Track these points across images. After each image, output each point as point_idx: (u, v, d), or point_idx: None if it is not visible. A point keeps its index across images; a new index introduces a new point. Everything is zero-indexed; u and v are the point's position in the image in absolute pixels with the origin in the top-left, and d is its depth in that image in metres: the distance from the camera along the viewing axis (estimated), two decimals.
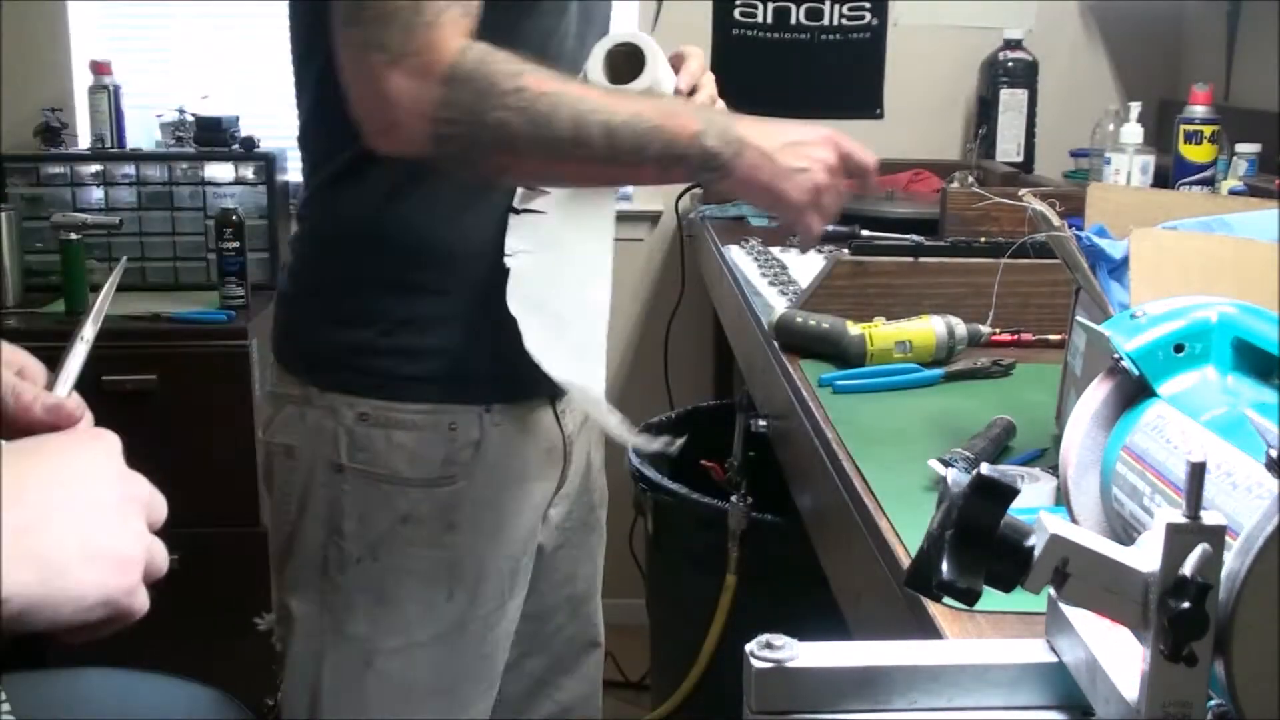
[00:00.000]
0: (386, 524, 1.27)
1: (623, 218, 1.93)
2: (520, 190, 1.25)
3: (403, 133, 1.08)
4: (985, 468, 0.60)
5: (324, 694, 1.29)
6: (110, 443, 0.67)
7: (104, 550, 0.62)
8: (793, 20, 3.09)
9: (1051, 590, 0.60)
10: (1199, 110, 2.35)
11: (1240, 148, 2.32)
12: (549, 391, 1.34)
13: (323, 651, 1.29)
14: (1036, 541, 0.60)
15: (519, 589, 1.37)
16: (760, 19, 3.08)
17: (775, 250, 2.28)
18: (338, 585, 1.28)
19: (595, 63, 1.23)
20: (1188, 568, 0.56)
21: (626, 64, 1.23)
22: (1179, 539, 0.56)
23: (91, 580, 0.62)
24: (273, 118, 2.87)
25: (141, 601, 0.65)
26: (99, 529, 0.63)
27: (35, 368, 0.73)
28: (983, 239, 1.83)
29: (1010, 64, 2.91)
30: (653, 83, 1.22)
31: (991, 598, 0.62)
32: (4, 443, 0.64)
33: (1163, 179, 2.45)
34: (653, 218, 3.14)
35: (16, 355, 0.73)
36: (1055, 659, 0.70)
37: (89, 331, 0.76)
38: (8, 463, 0.61)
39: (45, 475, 0.63)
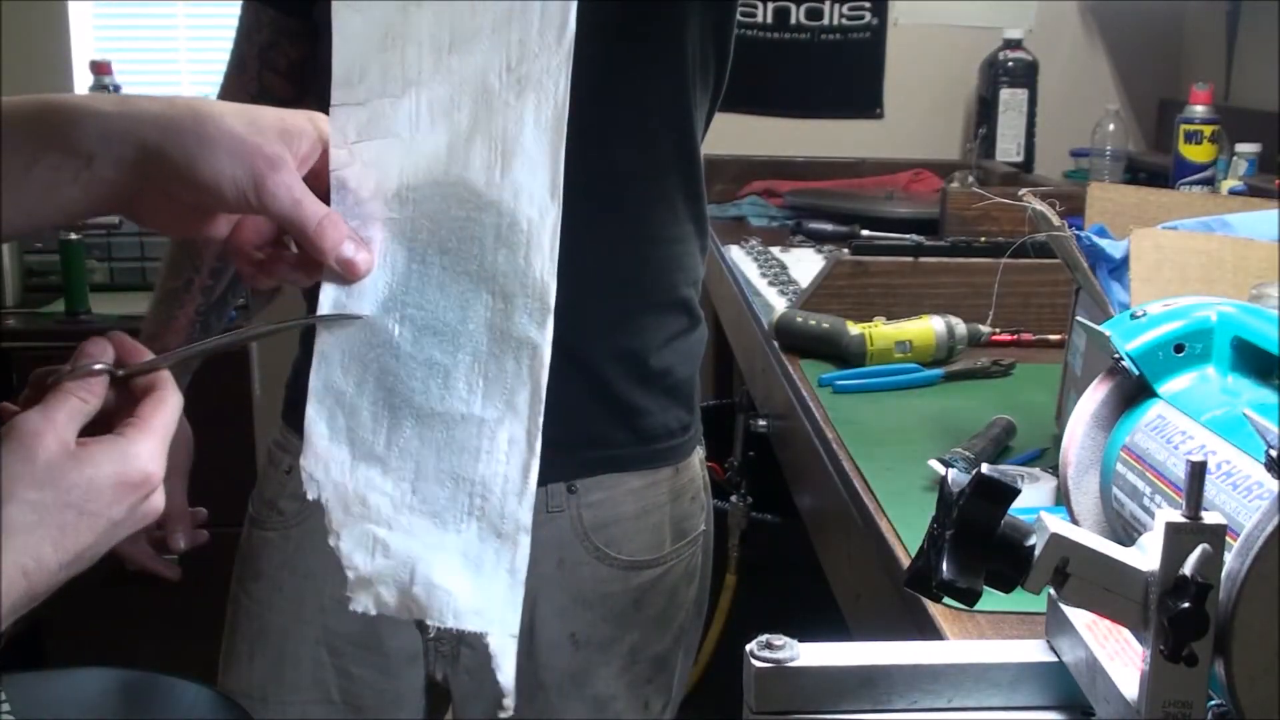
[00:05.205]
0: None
1: None
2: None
3: None
4: (985, 468, 0.60)
5: None
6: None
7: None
8: (793, 20, 3.09)
9: (1051, 590, 0.60)
10: (1199, 110, 2.35)
11: (1240, 148, 2.32)
12: None
13: None
14: (1036, 541, 0.60)
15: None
16: (760, 19, 3.08)
17: (775, 250, 2.28)
18: None
19: None
20: (1188, 568, 0.56)
21: None
22: (1179, 539, 0.56)
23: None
24: None
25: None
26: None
27: None
28: (983, 239, 1.83)
29: (1010, 64, 2.91)
30: None
31: (991, 598, 0.62)
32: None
33: (1163, 179, 2.45)
34: None
35: None
36: (1055, 659, 0.70)
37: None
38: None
39: None
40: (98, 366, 0.64)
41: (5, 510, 0.60)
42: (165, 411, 0.65)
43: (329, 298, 0.75)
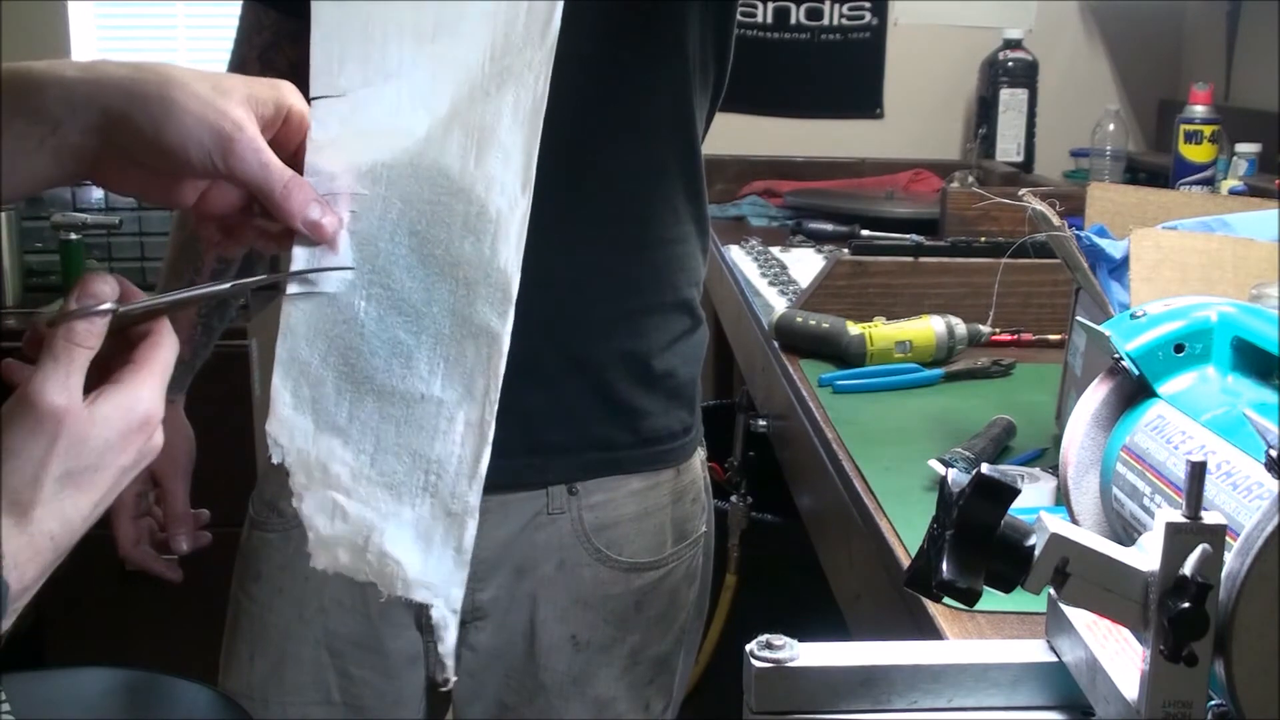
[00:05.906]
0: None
1: None
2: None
3: None
4: (985, 468, 0.60)
5: None
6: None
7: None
8: (793, 20, 3.09)
9: (1051, 590, 0.60)
10: (1199, 110, 2.35)
11: (1240, 148, 2.32)
12: None
13: None
14: (1036, 541, 0.60)
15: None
16: (760, 19, 3.08)
17: (775, 250, 2.28)
18: None
19: None
20: (1188, 568, 0.56)
21: None
22: (1179, 539, 0.56)
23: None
24: None
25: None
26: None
27: None
28: (983, 239, 1.83)
29: (1010, 64, 2.91)
30: None
31: (991, 598, 0.62)
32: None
33: (1163, 179, 2.45)
34: None
35: None
36: (1055, 659, 0.70)
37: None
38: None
39: None
40: (105, 307, 0.64)
41: (34, 490, 0.61)
42: (163, 353, 0.66)
43: (299, 269, 0.76)
